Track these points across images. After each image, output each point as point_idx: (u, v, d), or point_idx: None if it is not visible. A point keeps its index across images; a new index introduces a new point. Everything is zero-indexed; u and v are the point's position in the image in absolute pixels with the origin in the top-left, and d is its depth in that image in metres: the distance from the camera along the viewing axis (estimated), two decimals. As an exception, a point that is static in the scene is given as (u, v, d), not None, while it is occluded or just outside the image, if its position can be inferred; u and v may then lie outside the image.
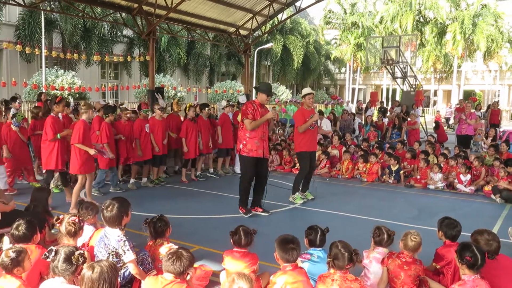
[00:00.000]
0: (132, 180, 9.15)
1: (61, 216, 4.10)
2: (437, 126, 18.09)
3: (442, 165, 9.93)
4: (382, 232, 4.16)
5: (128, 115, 9.23)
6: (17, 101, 9.71)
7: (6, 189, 8.00)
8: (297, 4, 18.77)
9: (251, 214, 7.05)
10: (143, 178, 9.35)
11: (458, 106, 18.07)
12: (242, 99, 10.08)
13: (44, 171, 7.87)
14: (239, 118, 8.40)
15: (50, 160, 7.46)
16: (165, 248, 4.18)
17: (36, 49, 15.85)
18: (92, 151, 7.04)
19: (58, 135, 7.37)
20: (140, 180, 9.38)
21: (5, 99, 11.38)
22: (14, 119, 8.39)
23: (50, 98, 10.92)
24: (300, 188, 8.21)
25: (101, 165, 8.35)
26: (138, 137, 8.99)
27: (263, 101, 7.05)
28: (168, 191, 8.93)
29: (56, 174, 8.15)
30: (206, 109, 10.24)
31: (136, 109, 10.32)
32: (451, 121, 24.84)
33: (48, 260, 3.27)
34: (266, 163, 7.31)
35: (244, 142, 6.93)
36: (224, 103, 11.19)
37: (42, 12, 20.17)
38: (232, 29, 19.84)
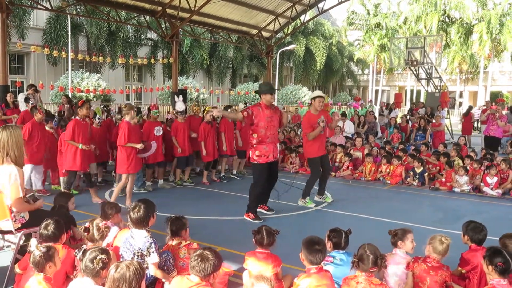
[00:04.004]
0: (148, 183, 9.11)
1: (87, 225, 4.16)
2: (467, 113, 17.60)
3: (468, 167, 9.75)
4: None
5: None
6: (30, 102, 9.85)
7: (41, 190, 8.23)
8: (320, 5, 18.76)
9: (261, 221, 6.75)
10: (160, 180, 9.39)
11: (485, 107, 17.71)
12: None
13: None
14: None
15: (72, 161, 7.59)
16: (184, 249, 4.24)
17: (63, 52, 16.23)
18: (139, 145, 7.40)
19: (80, 145, 7.52)
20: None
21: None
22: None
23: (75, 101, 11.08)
24: (317, 191, 8.15)
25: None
26: (146, 139, 8.73)
27: (269, 101, 6.87)
28: (191, 193, 8.99)
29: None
30: (229, 110, 10.27)
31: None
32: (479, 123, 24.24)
33: (78, 258, 3.33)
34: (276, 165, 7.23)
35: (253, 149, 6.82)
36: (242, 105, 11.21)
37: (68, 16, 20.60)
38: (254, 31, 19.92)
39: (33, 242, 3.41)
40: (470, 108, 18.33)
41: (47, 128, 8.50)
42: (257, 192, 6.95)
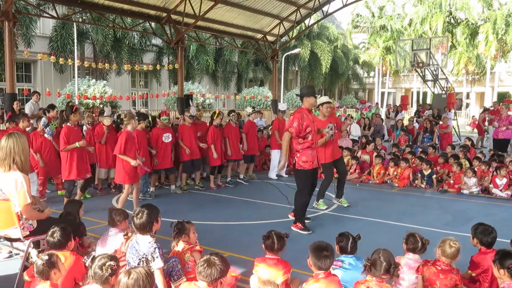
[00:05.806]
0: (151, 189, 9.03)
1: (129, 234, 4.16)
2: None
3: (476, 169, 9.68)
4: (416, 240, 4.03)
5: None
6: (55, 109, 9.88)
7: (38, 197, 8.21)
8: (324, 9, 18.75)
9: (310, 232, 6.49)
10: (172, 186, 9.43)
11: (492, 108, 17.58)
12: (282, 106, 10.29)
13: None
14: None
15: (68, 170, 7.56)
16: (187, 252, 4.26)
17: (69, 60, 16.32)
18: (133, 162, 7.09)
19: (77, 144, 7.47)
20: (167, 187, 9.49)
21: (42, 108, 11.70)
22: (48, 128, 8.50)
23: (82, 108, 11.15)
24: (335, 194, 8.18)
25: None
26: (155, 145, 8.86)
27: (312, 104, 6.68)
28: (198, 198, 8.99)
29: (80, 182, 8.22)
30: (232, 114, 10.30)
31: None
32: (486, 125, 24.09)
33: (86, 264, 3.34)
34: (317, 172, 6.93)
35: (298, 154, 6.56)
36: (249, 109, 11.21)
37: (74, 23, 20.73)
38: (259, 36, 19.93)
39: (33, 252, 3.43)
40: (484, 110, 18.23)
41: (47, 136, 8.45)
42: (304, 201, 6.67)
